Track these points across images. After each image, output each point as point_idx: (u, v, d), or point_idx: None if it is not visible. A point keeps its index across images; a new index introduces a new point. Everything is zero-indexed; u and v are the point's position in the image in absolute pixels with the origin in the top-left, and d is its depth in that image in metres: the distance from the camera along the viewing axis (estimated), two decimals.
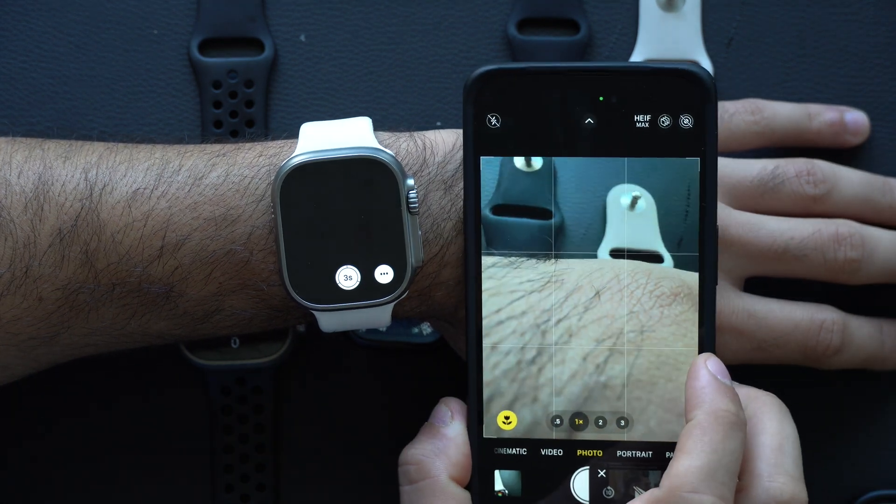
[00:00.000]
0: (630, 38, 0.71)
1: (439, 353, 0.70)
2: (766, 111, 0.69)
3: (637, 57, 0.71)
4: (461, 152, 0.63)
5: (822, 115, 0.70)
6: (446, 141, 0.63)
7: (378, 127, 0.66)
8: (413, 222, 0.62)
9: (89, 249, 0.61)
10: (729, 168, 0.67)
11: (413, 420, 0.71)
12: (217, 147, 0.63)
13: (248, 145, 0.63)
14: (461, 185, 0.62)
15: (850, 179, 0.68)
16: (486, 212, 0.62)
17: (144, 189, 0.62)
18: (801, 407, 0.71)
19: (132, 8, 0.71)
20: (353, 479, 0.71)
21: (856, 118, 0.71)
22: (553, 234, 0.62)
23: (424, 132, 0.64)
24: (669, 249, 0.61)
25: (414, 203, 0.61)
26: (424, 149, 0.63)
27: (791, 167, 0.67)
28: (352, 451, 0.71)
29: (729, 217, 0.65)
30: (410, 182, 0.62)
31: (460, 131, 0.63)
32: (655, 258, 0.62)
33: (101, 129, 0.70)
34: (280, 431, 0.71)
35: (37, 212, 0.61)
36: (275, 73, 0.71)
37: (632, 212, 0.61)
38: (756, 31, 0.72)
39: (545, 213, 0.62)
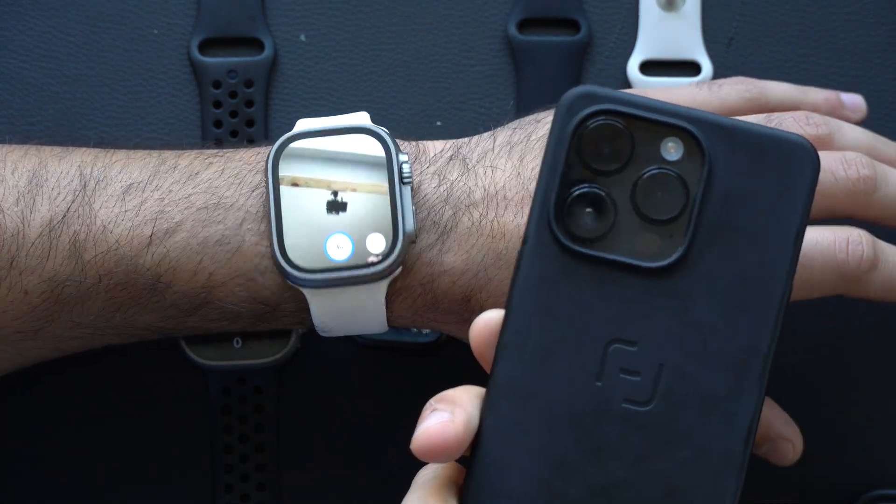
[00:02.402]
0: (630, 37, 0.71)
1: (439, 353, 0.71)
2: (758, 83, 0.67)
3: (637, 57, 0.71)
4: (450, 152, 0.63)
5: (818, 93, 0.68)
6: (436, 146, 0.64)
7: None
8: (405, 193, 0.62)
9: (78, 240, 0.61)
10: None
11: (413, 420, 0.71)
12: (214, 151, 0.64)
13: (245, 148, 0.64)
14: (455, 174, 0.63)
15: (851, 127, 0.66)
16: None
17: (139, 183, 0.62)
18: (802, 406, 0.71)
19: (132, 8, 0.71)
20: (353, 479, 0.71)
21: (853, 98, 0.69)
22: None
23: (418, 141, 0.64)
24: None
25: (407, 174, 0.62)
26: (417, 147, 0.64)
27: (788, 114, 0.65)
28: (352, 451, 0.71)
29: None
30: (404, 157, 0.62)
31: (448, 140, 0.64)
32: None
33: (101, 130, 0.70)
34: (280, 431, 0.71)
35: (28, 204, 0.61)
36: (275, 73, 0.71)
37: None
38: (756, 31, 0.72)
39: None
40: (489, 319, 0.52)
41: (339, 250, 0.62)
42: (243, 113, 0.71)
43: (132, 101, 0.71)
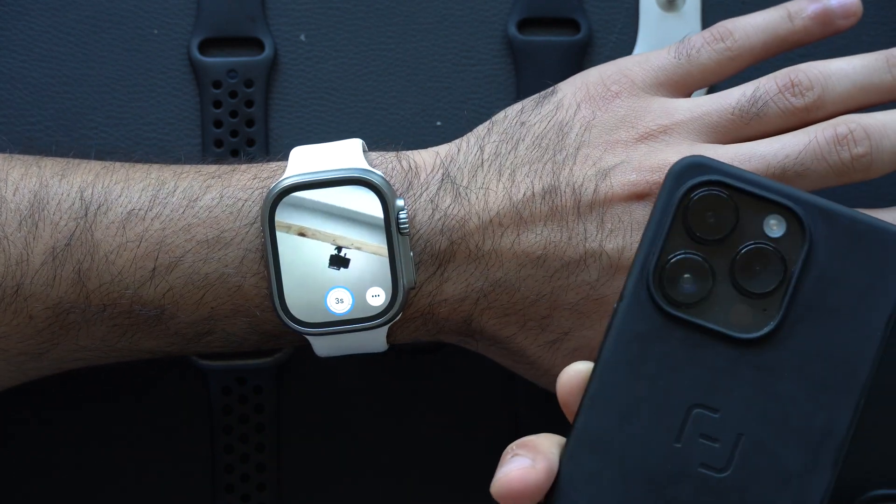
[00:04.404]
0: (630, 37, 0.71)
1: (439, 353, 0.71)
2: (736, 33, 0.65)
3: None
4: (440, 172, 0.63)
5: (804, 11, 0.65)
6: (426, 162, 0.63)
7: (378, 126, 0.66)
8: (403, 243, 0.61)
9: (82, 269, 0.61)
10: (705, 106, 0.63)
11: (413, 420, 0.71)
12: (213, 168, 0.63)
13: (243, 167, 0.63)
14: (448, 200, 0.62)
15: (841, 72, 0.63)
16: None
17: (139, 210, 0.61)
18: None
19: (132, 8, 0.71)
20: (353, 479, 0.71)
21: (843, 1, 0.65)
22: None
23: (409, 152, 0.64)
24: None
25: (404, 224, 0.61)
26: (409, 170, 0.63)
27: (772, 83, 0.63)
28: (352, 451, 0.71)
29: (714, 155, 0.62)
30: (400, 203, 0.61)
31: (437, 151, 0.64)
32: None
33: (101, 130, 0.70)
34: (281, 431, 0.71)
35: (31, 229, 0.61)
36: (275, 73, 0.71)
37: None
38: None
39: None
40: (578, 371, 0.52)
41: (340, 304, 0.62)
42: (243, 113, 0.71)
43: (132, 101, 0.71)
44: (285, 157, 0.63)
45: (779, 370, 0.51)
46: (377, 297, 0.62)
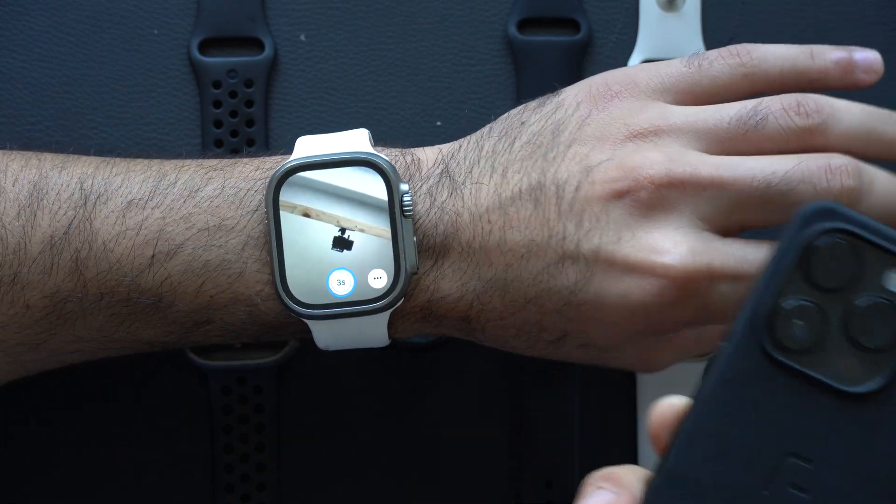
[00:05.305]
0: (630, 37, 0.71)
1: (439, 353, 0.71)
2: (754, 52, 0.64)
3: (637, 57, 0.71)
4: (440, 167, 0.63)
5: (827, 54, 0.64)
6: (429, 158, 0.63)
7: (378, 126, 0.66)
8: (406, 226, 0.61)
9: (80, 257, 0.61)
10: (703, 113, 0.62)
11: (413, 419, 0.71)
12: (214, 162, 0.63)
13: (245, 159, 0.63)
14: (445, 194, 0.62)
15: (849, 110, 0.62)
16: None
17: (139, 200, 0.61)
18: None
19: (132, 8, 0.71)
20: (353, 479, 0.71)
21: (867, 56, 0.64)
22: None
23: (413, 149, 0.64)
24: None
25: (408, 206, 0.61)
26: (412, 164, 0.63)
27: (777, 101, 0.62)
28: (352, 451, 0.71)
29: (700, 160, 0.61)
30: (404, 186, 0.61)
31: (441, 148, 0.64)
32: None
33: (101, 130, 0.70)
34: (281, 431, 0.71)
35: (29, 219, 0.61)
36: (275, 73, 0.71)
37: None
38: (756, 31, 0.72)
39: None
40: (672, 405, 0.51)
41: (341, 286, 0.61)
42: (243, 113, 0.71)
43: (132, 101, 0.71)
44: (288, 153, 0.64)
45: (881, 427, 0.50)
46: (379, 280, 0.61)
